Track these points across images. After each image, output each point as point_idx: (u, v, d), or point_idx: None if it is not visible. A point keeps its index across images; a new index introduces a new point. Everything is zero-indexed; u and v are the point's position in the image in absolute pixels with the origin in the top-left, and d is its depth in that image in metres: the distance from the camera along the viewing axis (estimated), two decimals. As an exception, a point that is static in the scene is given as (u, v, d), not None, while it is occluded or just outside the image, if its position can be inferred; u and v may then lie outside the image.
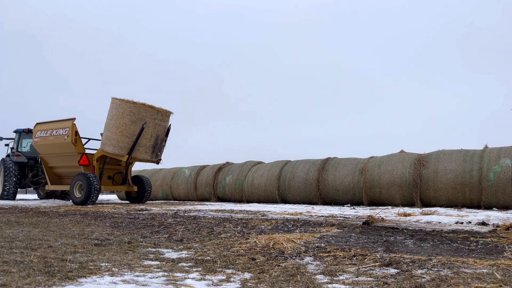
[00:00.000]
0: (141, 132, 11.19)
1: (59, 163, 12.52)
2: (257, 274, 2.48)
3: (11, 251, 3.09)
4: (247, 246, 3.46)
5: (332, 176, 12.17)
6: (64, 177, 13.05)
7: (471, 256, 3.04)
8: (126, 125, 11.13)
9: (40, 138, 12.43)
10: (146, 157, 11.61)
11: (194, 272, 2.54)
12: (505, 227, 4.82)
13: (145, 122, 11.22)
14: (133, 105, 11.14)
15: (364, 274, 2.45)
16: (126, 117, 11.12)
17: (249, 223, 5.56)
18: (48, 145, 12.19)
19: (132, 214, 7.25)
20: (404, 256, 2.96)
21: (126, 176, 12.78)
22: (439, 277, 2.31)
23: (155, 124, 11.52)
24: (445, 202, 10.20)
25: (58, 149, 12.09)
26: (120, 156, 11.27)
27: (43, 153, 12.61)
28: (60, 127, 11.97)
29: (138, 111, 11.20)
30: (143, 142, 11.35)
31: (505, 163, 9.57)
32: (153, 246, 3.58)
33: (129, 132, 11.16)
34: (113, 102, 11.40)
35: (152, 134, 11.50)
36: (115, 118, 11.19)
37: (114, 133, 11.19)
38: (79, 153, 11.71)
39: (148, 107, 11.33)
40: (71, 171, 12.34)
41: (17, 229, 4.63)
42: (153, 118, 11.44)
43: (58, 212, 7.96)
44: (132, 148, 11.17)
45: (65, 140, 11.71)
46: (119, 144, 11.19)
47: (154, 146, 11.68)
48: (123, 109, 11.13)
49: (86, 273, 2.42)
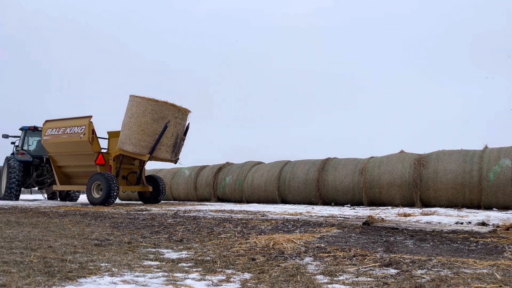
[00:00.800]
0: (164, 131, 10.83)
1: (71, 162, 12.11)
2: (257, 274, 2.48)
3: (11, 251, 3.09)
4: (247, 246, 3.46)
5: (332, 176, 12.17)
6: (74, 177, 12.63)
7: (471, 256, 3.04)
8: (148, 124, 10.74)
9: (51, 136, 11.97)
10: (167, 157, 11.28)
11: (194, 272, 2.54)
12: (505, 228, 4.82)
13: (169, 121, 10.90)
14: (155, 103, 10.77)
15: (364, 274, 2.44)
16: (147, 115, 10.75)
17: (249, 223, 5.55)
18: (61, 143, 11.76)
19: (132, 215, 7.25)
20: (404, 257, 2.96)
21: (141, 175, 12.45)
22: (439, 277, 2.31)
23: (176, 123, 11.22)
24: (445, 203, 10.20)
25: (72, 148, 11.66)
26: (141, 155, 10.91)
27: (53, 152, 12.17)
28: (75, 125, 11.54)
29: (160, 109, 10.84)
30: (164, 141, 11.03)
31: (505, 163, 9.57)
32: (153, 246, 3.58)
33: (150, 130, 10.78)
34: (132, 99, 11.01)
35: (173, 133, 11.19)
36: (135, 116, 10.80)
37: (135, 132, 10.80)
38: (95, 152, 11.31)
39: (170, 105, 11.00)
40: (83, 170, 11.94)
41: (17, 229, 4.63)
42: (174, 116, 11.12)
43: (58, 212, 7.96)
44: (154, 147, 10.80)
45: (80, 139, 11.29)
46: (140, 143, 10.81)
47: (174, 145, 11.39)
48: (145, 107, 10.76)
49: (86, 273, 2.42)
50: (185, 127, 11.72)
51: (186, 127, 11.79)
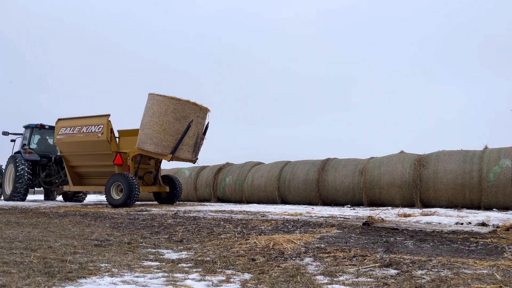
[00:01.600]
0: (187, 130, 10.56)
1: (86, 162, 11.70)
2: (257, 275, 2.48)
3: (11, 252, 3.09)
4: (247, 247, 3.46)
5: (332, 176, 12.17)
6: (87, 177, 12.22)
7: (471, 256, 3.04)
8: (170, 123, 10.45)
9: (65, 135, 11.58)
10: (188, 157, 10.98)
11: (194, 272, 2.54)
12: (505, 228, 4.82)
13: (192, 120, 10.65)
14: (177, 102, 10.49)
15: (364, 274, 2.44)
16: (169, 115, 10.46)
17: (249, 223, 5.55)
18: (76, 143, 11.37)
19: (132, 215, 7.25)
20: (404, 257, 2.96)
21: (157, 175, 12.13)
22: (439, 277, 2.31)
23: (197, 122, 10.95)
24: (445, 203, 10.20)
25: (88, 148, 11.27)
26: (163, 155, 10.59)
27: (67, 152, 11.75)
28: (92, 124, 11.16)
29: (182, 108, 10.55)
30: (186, 140, 10.73)
31: (505, 163, 9.57)
32: (153, 246, 3.58)
33: (173, 130, 10.49)
34: (153, 98, 10.67)
35: (194, 132, 10.91)
36: (157, 115, 10.48)
37: (156, 131, 10.48)
38: (113, 152, 10.95)
39: (191, 104, 10.71)
40: (99, 170, 11.61)
41: (17, 230, 4.63)
42: (196, 115, 10.83)
43: (58, 212, 7.96)
44: (176, 147, 10.49)
45: (98, 138, 10.92)
46: (162, 143, 10.49)
47: (194, 145, 11.12)
48: (167, 106, 10.45)
49: (86, 274, 2.42)
50: (204, 126, 11.44)
51: (206, 127, 11.52)
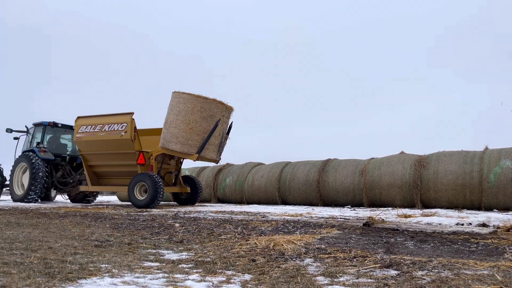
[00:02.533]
0: (214, 129, 10.33)
1: (106, 161, 11.42)
2: (257, 276, 2.48)
3: (11, 252, 3.09)
4: (247, 248, 3.46)
5: (332, 177, 12.17)
6: (106, 177, 11.91)
7: (472, 257, 3.04)
8: (197, 122, 10.22)
9: (86, 133, 11.28)
10: (213, 156, 10.76)
11: (194, 273, 2.54)
12: (505, 229, 4.82)
13: (219, 119, 10.45)
14: (204, 101, 10.27)
15: (365, 275, 2.44)
16: (196, 113, 10.21)
17: (249, 224, 5.55)
18: (97, 141, 11.09)
19: (132, 216, 7.25)
20: (404, 258, 2.95)
21: (178, 176, 11.89)
22: (439, 278, 2.30)
23: (222, 121, 10.73)
24: (446, 204, 10.19)
25: (111, 146, 11.00)
26: (188, 155, 10.34)
27: (87, 151, 11.44)
28: (115, 122, 10.88)
29: (209, 107, 10.34)
30: (212, 140, 10.52)
31: (506, 164, 9.56)
32: (153, 247, 3.57)
33: (199, 129, 10.26)
34: (179, 96, 10.43)
35: (219, 131, 10.72)
36: (183, 113, 10.24)
37: (182, 130, 10.24)
38: (136, 151, 10.71)
39: (218, 103, 10.50)
40: (119, 170, 11.35)
41: (17, 230, 4.63)
42: (222, 114, 10.62)
43: (58, 213, 7.96)
44: (203, 146, 10.26)
45: (121, 137, 10.66)
46: (188, 142, 10.26)
47: (219, 144, 10.90)
48: (193, 105, 10.22)
49: (86, 275, 2.42)
50: (228, 125, 11.27)
51: (230, 126, 11.34)
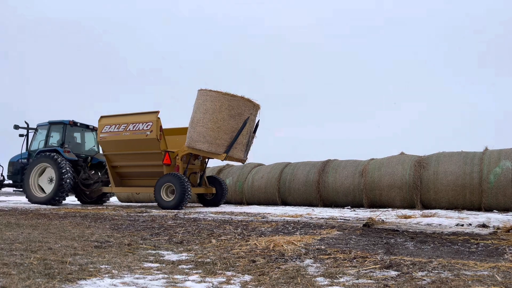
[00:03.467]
0: (243, 128, 9.98)
1: (131, 162, 11.09)
2: (257, 276, 2.47)
3: (11, 253, 3.09)
4: (247, 248, 3.46)
5: (332, 178, 12.17)
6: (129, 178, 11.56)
7: (472, 258, 3.03)
8: (225, 120, 9.87)
9: (110, 133, 11.00)
10: (240, 156, 10.39)
11: (194, 274, 2.53)
12: (505, 229, 4.82)
13: (248, 117, 10.11)
14: (232, 98, 9.91)
15: (365, 276, 2.44)
16: (224, 111, 9.87)
17: (249, 225, 5.55)
18: (122, 141, 10.81)
19: (132, 216, 7.25)
20: (404, 259, 2.95)
21: (203, 176, 11.54)
22: (439, 279, 2.30)
23: (250, 120, 10.36)
24: (446, 204, 10.19)
25: (135, 146, 10.70)
26: (216, 154, 10.00)
27: (111, 151, 11.13)
28: (140, 121, 10.62)
29: (237, 105, 9.99)
30: (240, 139, 10.14)
31: (506, 165, 9.56)
32: (153, 248, 3.57)
33: (227, 128, 9.91)
34: (205, 94, 10.09)
35: (247, 130, 10.33)
36: (210, 112, 9.89)
37: (210, 129, 9.88)
38: (162, 151, 10.43)
39: (246, 101, 10.14)
40: (144, 171, 11.06)
41: (17, 231, 4.63)
42: (250, 113, 10.28)
43: (58, 214, 7.96)
44: (231, 145, 9.91)
45: (147, 136, 10.39)
46: (216, 141, 9.90)
47: (247, 143, 10.55)
48: (221, 103, 9.87)
49: (86, 275, 2.42)
50: (255, 124, 10.89)
51: (256, 124, 10.95)
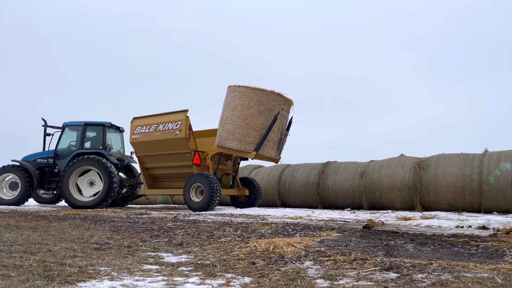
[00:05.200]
0: (273, 123, 9.50)
1: (162, 163, 10.82)
2: (257, 279, 2.47)
3: (11, 255, 3.09)
4: (247, 250, 3.45)
5: (332, 180, 12.17)
6: (162, 180, 11.27)
7: (472, 260, 3.03)
8: (254, 116, 9.45)
9: (141, 134, 10.80)
10: (272, 155, 9.90)
11: (194, 276, 2.53)
12: (505, 231, 4.82)
13: (278, 112, 9.63)
14: (261, 93, 9.49)
15: (365, 278, 2.44)
16: (253, 107, 9.46)
17: (249, 227, 5.54)
18: (152, 142, 10.58)
19: (132, 218, 7.24)
20: (404, 261, 2.95)
21: (235, 177, 11.12)
22: (439, 281, 2.30)
23: (282, 116, 9.89)
24: (446, 206, 10.19)
25: (165, 147, 10.44)
26: (246, 153, 9.57)
27: (142, 152, 10.91)
28: (169, 121, 10.38)
29: (267, 100, 9.54)
30: (271, 136, 9.66)
31: (505, 167, 9.56)
32: (152, 250, 3.57)
33: (257, 124, 9.46)
34: (234, 90, 9.75)
35: (279, 127, 9.85)
36: (239, 108, 9.52)
37: (239, 126, 9.48)
38: (192, 151, 10.13)
39: (276, 95, 9.68)
40: (175, 172, 10.77)
41: (17, 233, 4.62)
42: (281, 108, 9.79)
43: (57, 216, 7.95)
44: (261, 143, 9.44)
45: (176, 136, 10.15)
46: (245, 139, 9.47)
47: (279, 141, 10.05)
48: (250, 98, 9.48)
49: (86, 278, 2.41)
50: (288, 120, 10.38)
51: (290, 121, 10.43)
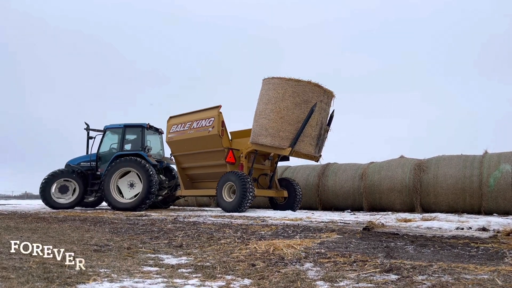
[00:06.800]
0: (310, 116, 8.79)
1: (197, 162, 10.45)
2: (257, 280, 2.47)
3: (10, 257, 3.08)
4: (247, 252, 3.45)
5: (332, 181, 12.16)
6: (198, 180, 10.91)
7: (472, 262, 3.03)
8: (289, 109, 8.81)
9: (177, 133, 10.53)
10: (310, 151, 9.14)
11: (194, 278, 2.53)
12: (505, 233, 4.81)
13: (315, 104, 8.88)
14: (296, 84, 8.85)
15: (365, 280, 2.43)
16: (287, 99, 8.82)
17: (249, 228, 5.54)
18: (186, 140, 10.28)
19: (132, 220, 7.23)
20: (404, 262, 2.94)
21: (273, 178, 10.45)
22: (440, 283, 2.29)
23: (321, 109, 9.13)
24: (446, 208, 10.18)
25: (199, 145, 10.07)
26: (280, 149, 8.90)
27: (178, 151, 10.65)
28: (202, 118, 10.00)
29: (303, 91, 8.86)
30: (308, 131, 8.92)
31: (505, 168, 9.56)
32: (152, 252, 3.56)
33: (292, 118, 8.81)
34: (268, 82, 9.20)
35: (317, 121, 9.10)
36: (273, 101, 8.94)
37: (273, 120, 8.87)
38: (225, 149, 9.69)
39: (313, 86, 8.98)
40: (210, 172, 10.37)
41: (16, 235, 4.62)
42: (319, 100, 9.04)
43: (57, 217, 7.94)
44: (297, 138, 8.74)
45: (209, 133, 9.75)
46: (279, 134, 8.82)
47: (318, 137, 9.28)
48: (284, 90, 8.86)
49: (85, 279, 2.41)
50: (328, 115, 9.60)
51: (331, 115, 9.66)
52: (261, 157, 10.22)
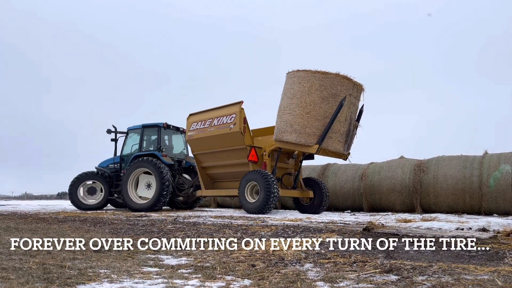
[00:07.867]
0: (338, 111, 8.15)
1: (218, 161, 10.03)
2: (257, 281, 2.47)
3: (10, 258, 3.08)
4: (247, 253, 3.45)
5: (332, 182, 12.16)
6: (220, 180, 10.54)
7: (472, 262, 3.03)
8: (315, 104, 8.19)
9: (197, 130, 10.13)
10: (339, 149, 8.48)
11: (194, 278, 2.53)
12: (505, 233, 4.81)
13: (344, 98, 8.25)
14: (324, 76, 8.23)
15: (365, 280, 2.43)
16: (314, 93, 8.19)
17: (249, 229, 5.54)
18: (207, 138, 9.85)
19: (132, 220, 7.23)
20: (404, 263, 2.94)
21: (297, 177, 9.92)
22: (440, 283, 2.29)
23: (350, 103, 8.47)
24: (446, 208, 10.18)
25: (220, 143, 9.63)
26: (306, 146, 8.29)
27: (198, 150, 10.26)
28: (223, 114, 9.51)
29: (331, 84, 8.23)
30: (336, 127, 8.29)
31: (505, 169, 9.56)
32: (152, 252, 3.56)
33: (319, 113, 8.18)
34: (293, 76, 8.62)
35: (346, 116, 8.44)
36: (298, 95, 8.33)
37: (298, 115, 8.28)
38: (247, 147, 9.16)
39: (342, 78, 8.33)
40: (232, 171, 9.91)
41: (16, 236, 4.61)
42: (348, 93, 8.38)
43: (57, 218, 7.94)
44: (325, 134, 8.11)
45: (230, 130, 9.23)
46: (305, 130, 8.23)
47: (347, 133, 8.61)
48: (311, 83, 8.25)
49: (85, 280, 2.41)
50: (357, 110, 8.94)
51: (360, 110, 8.99)
52: (285, 156, 9.75)
